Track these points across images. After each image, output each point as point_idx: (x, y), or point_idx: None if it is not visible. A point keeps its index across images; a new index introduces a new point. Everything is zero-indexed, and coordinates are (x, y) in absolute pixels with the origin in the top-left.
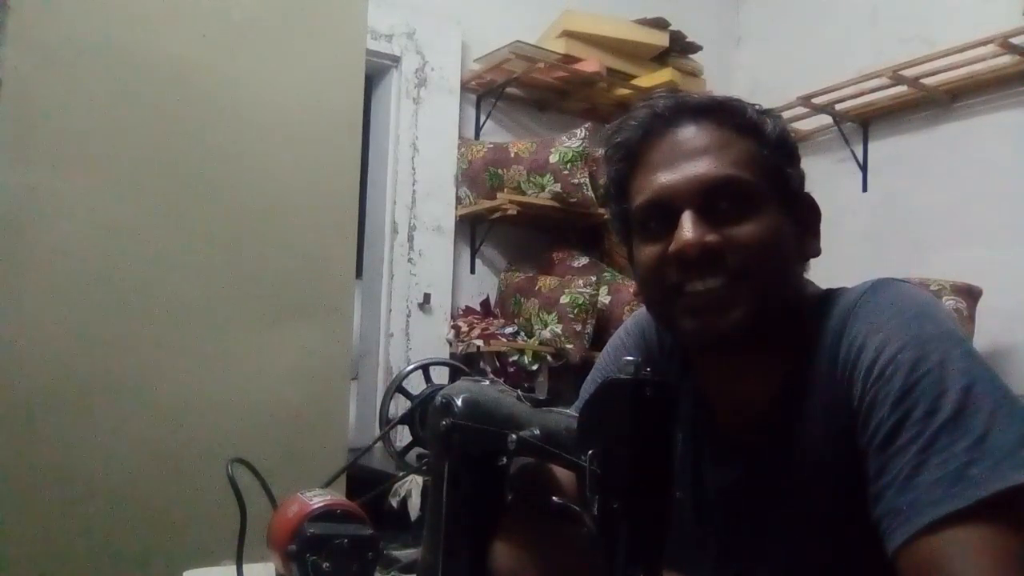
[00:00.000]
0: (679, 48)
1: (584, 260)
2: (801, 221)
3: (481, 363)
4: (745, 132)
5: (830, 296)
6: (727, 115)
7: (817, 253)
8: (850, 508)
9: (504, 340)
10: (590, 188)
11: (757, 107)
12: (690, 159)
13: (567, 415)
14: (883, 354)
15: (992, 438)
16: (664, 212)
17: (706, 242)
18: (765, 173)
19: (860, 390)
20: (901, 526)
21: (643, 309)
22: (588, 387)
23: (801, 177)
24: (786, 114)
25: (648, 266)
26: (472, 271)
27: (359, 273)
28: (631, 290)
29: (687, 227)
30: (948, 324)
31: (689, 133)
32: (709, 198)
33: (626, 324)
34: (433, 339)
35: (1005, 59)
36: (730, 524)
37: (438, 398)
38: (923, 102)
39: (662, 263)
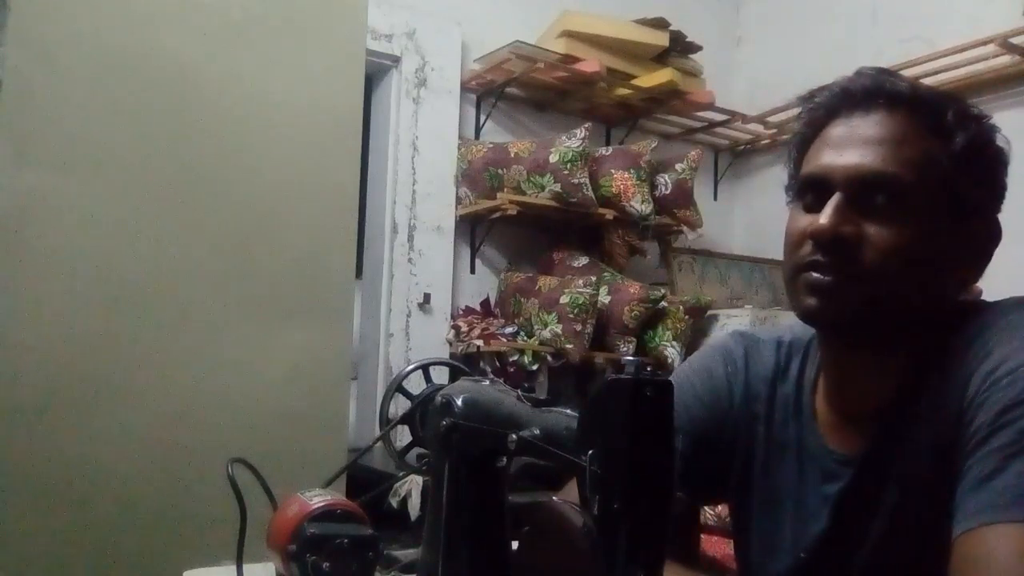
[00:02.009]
0: (679, 48)
1: (584, 260)
2: (968, 239)
3: (481, 363)
4: (933, 133)
5: (974, 308)
6: (922, 110)
7: (974, 280)
8: (943, 512)
9: (504, 340)
10: (590, 188)
11: (967, 112)
12: (860, 146)
13: (567, 415)
14: (1005, 364)
15: None
16: (820, 190)
17: (840, 231)
18: (935, 181)
19: (974, 392)
20: (962, 520)
21: (708, 346)
22: None
23: (987, 196)
24: (786, 114)
25: (791, 236)
26: (472, 271)
27: (359, 273)
28: (631, 290)
29: (828, 212)
30: None
31: (873, 119)
32: (863, 189)
33: (691, 359)
34: (433, 339)
35: (1005, 59)
36: (836, 533)
37: (438, 398)
38: None
39: (802, 237)
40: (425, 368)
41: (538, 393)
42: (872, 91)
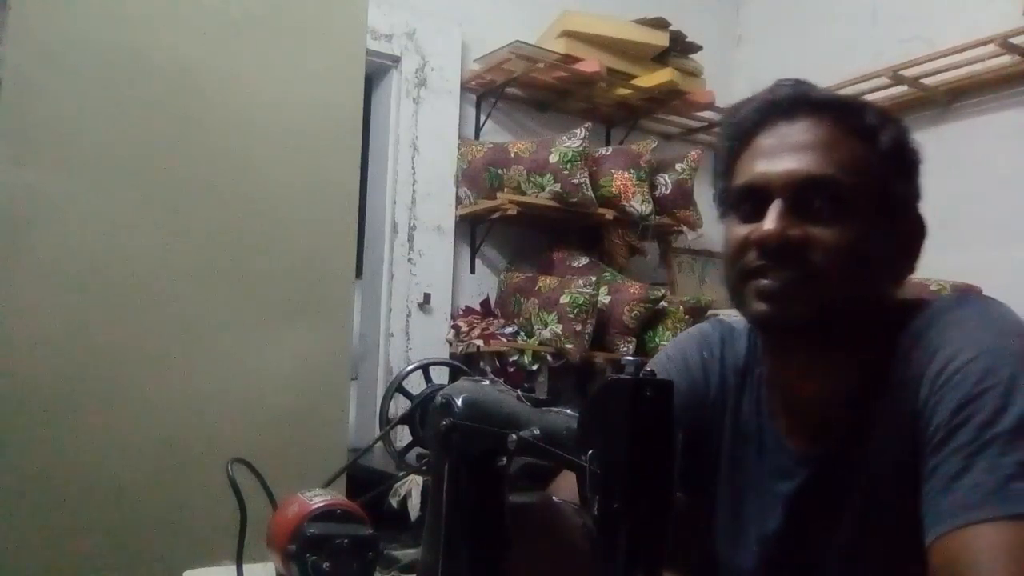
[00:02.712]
0: (679, 48)
1: (584, 260)
2: (900, 236)
3: (481, 363)
4: (858, 135)
5: (915, 305)
6: (845, 115)
7: (910, 272)
8: (907, 513)
9: (504, 340)
10: (590, 188)
11: (884, 114)
12: (793, 152)
13: (567, 415)
14: (954, 361)
15: None
16: (758, 199)
17: (787, 235)
18: (867, 180)
19: (927, 392)
20: (936, 524)
21: (684, 334)
22: None
23: (911, 193)
24: None
25: (732, 246)
26: (472, 271)
27: (359, 273)
28: (631, 290)
29: (772, 217)
30: None
31: (801, 126)
32: (802, 193)
33: (667, 349)
34: (433, 339)
35: (1005, 59)
36: (791, 531)
37: (438, 398)
38: (923, 102)
39: (745, 245)
40: (425, 368)
41: (538, 393)
42: (796, 99)
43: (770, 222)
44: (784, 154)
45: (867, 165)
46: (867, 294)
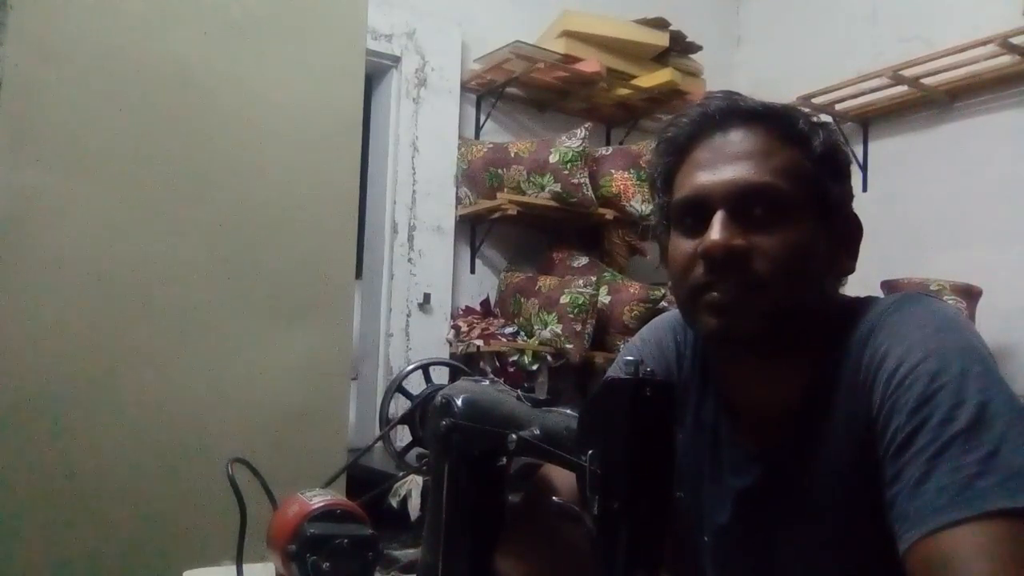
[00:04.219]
0: (679, 48)
1: (584, 260)
2: (838, 237)
3: (481, 363)
4: (792, 142)
5: (858, 306)
6: (777, 123)
7: (851, 271)
8: (866, 516)
9: (504, 340)
10: (590, 188)
11: (814, 118)
12: (731, 162)
13: (567, 415)
14: (904, 363)
15: (1003, 454)
16: (699, 211)
17: (732, 245)
18: (805, 185)
19: (880, 397)
20: (908, 531)
21: (658, 318)
22: None
23: (846, 194)
24: None
25: (678, 261)
26: (472, 271)
27: (359, 273)
28: (631, 290)
29: (716, 228)
30: (972, 340)
31: (736, 137)
32: (743, 203)
33: (641, 333)
34: (433, 339)
35: (1005, 59)
36: (743, 527)
37: (438, 398)
38: (923, 102)
39: (692, 260)
40: (425, 368)
41: (538, 393)
42: (727, 111)
43: (715, 232)
44: (722, 165)
45: (803, 170)
46: (812, 298)
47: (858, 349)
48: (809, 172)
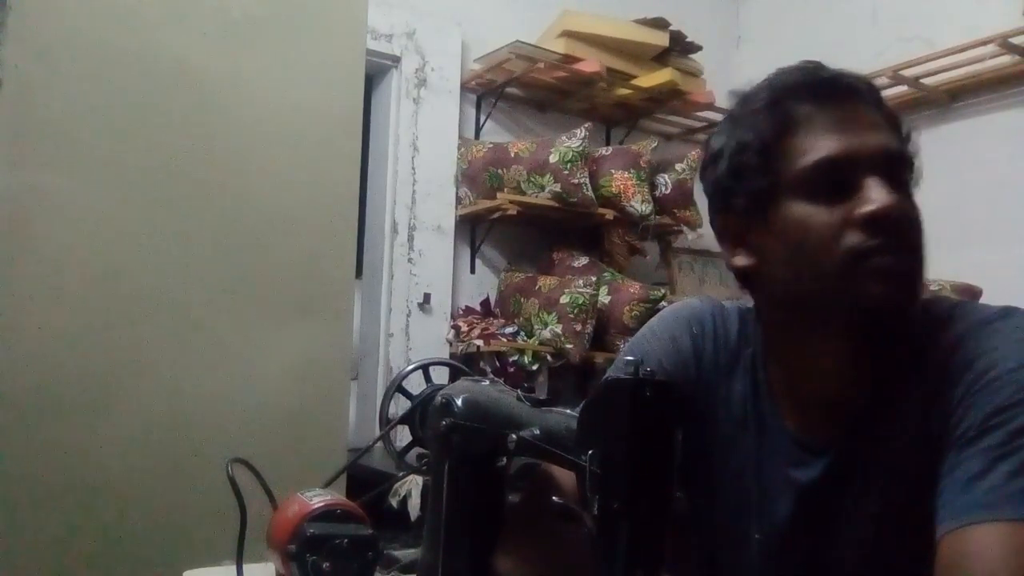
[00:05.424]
0: (679, 48)
1: (584, 260)
2: None
3: (481, 363)
4: (891, 119)
5: (958, 309)
6: (875, 100)
7: None
8: (927, 511)
9: (504, 340)
10: (590, 188)
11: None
12: (870, 129)
13: (567, 415)
14: (995, 368)
15: None
16: (840, 175)
17: (905, 208)
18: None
19: (961, 394)
20: (948, 519)
21: (667, 310)
22: None
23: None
24: None
25: (816, 229)
26: (472, 271)
27: (359, 273)
28: (631, 290)
29: (882, 191)
30: None
31: (852, 106)
32: (891, 169)
33: (651, 326)
34: (433, 339)
35: (1005, 59)
36: (805, 521)
37: (438, 398)
38: (923, 102)
39: (839, 227)
40: (425, 368)
41: (538, 393)
42: (836, 81)
43: (883, 195)
44: (861, 130)
45: (905, 147)
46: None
47: (949, 350)
48: (907, 150)
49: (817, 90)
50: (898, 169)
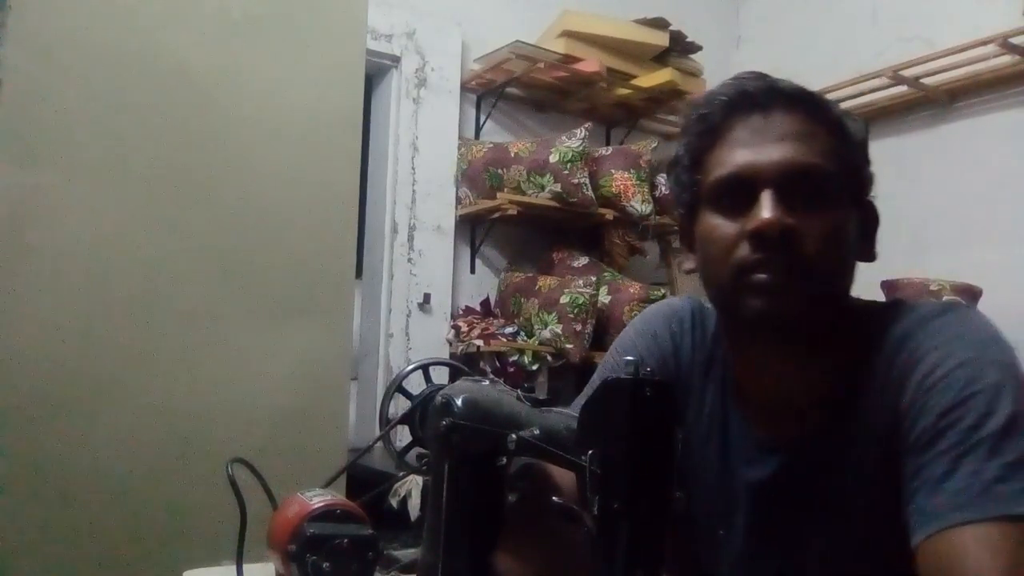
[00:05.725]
0: (679, 48)
1: (584, 260)
2: (863, 224)
3: (481, 363)
4: (831, 127)
5: (898, 307)
6: (817, 107)
7: (873, 258)
8: (891, 514)
9: (504, 340)
10: (590, 188)
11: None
12: (777, 141)
13: (567, 415)
14: (940, 367)
15: None
16: (742, 189)
17: (786, 224)
18: (845, 170)
19: (910, 397)
20: (923, 525)
21: (649, 309)
22: (591, 389)
23: (871, 182)
24: None
25: (717, 241)
26: (472, 271)
27: (359, 273)
28: (631, 290)
29: (768, 206)
30: (1011, 355)
31: (779, 118)
32: (791, 182)
33: (634, 324)
34: (433, 339)
35: (1005, 59)
36: (760, 521)
37: (438, 398)
38: (923, 102)
39: (734, 240)
40: (425, 368)
41: (538, 393)
42: (769, 90)
43: (766, 211)
44: (767, 143)
45: (843, 155)
46: (848, 283)
47: (893, 348)
48: (848, 158)
49: (742, 102)
50: (804, 183)
